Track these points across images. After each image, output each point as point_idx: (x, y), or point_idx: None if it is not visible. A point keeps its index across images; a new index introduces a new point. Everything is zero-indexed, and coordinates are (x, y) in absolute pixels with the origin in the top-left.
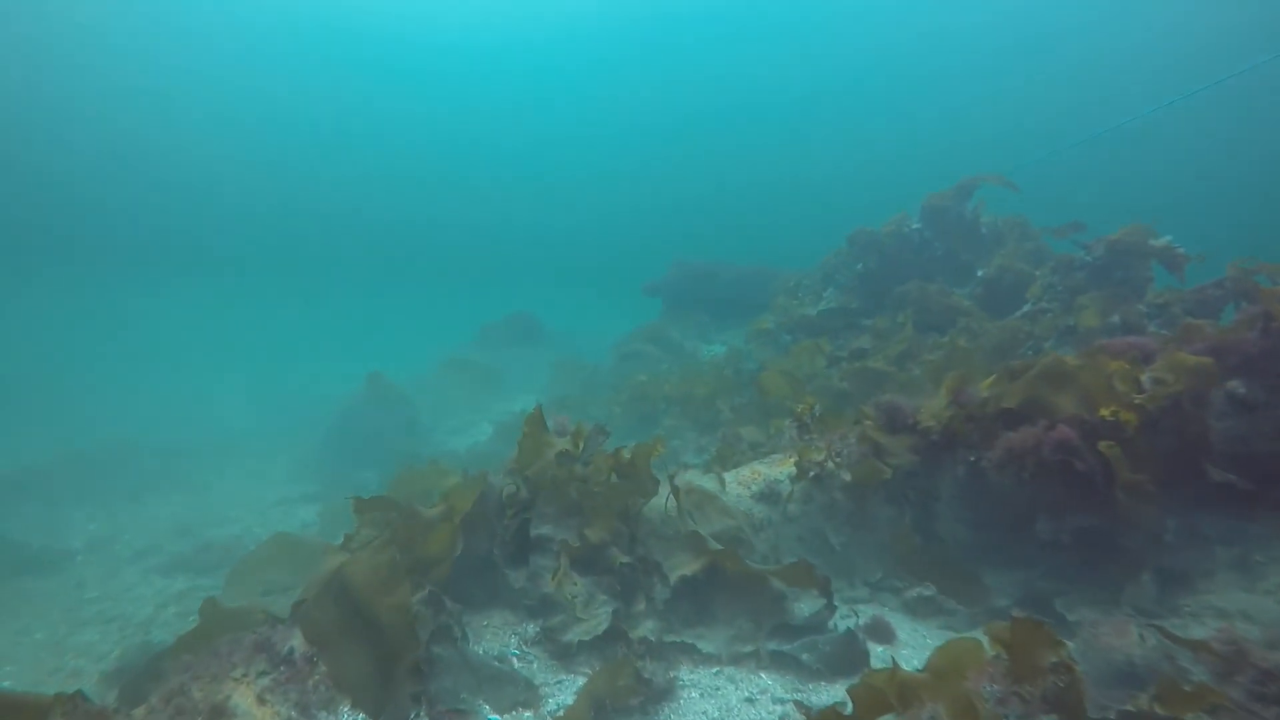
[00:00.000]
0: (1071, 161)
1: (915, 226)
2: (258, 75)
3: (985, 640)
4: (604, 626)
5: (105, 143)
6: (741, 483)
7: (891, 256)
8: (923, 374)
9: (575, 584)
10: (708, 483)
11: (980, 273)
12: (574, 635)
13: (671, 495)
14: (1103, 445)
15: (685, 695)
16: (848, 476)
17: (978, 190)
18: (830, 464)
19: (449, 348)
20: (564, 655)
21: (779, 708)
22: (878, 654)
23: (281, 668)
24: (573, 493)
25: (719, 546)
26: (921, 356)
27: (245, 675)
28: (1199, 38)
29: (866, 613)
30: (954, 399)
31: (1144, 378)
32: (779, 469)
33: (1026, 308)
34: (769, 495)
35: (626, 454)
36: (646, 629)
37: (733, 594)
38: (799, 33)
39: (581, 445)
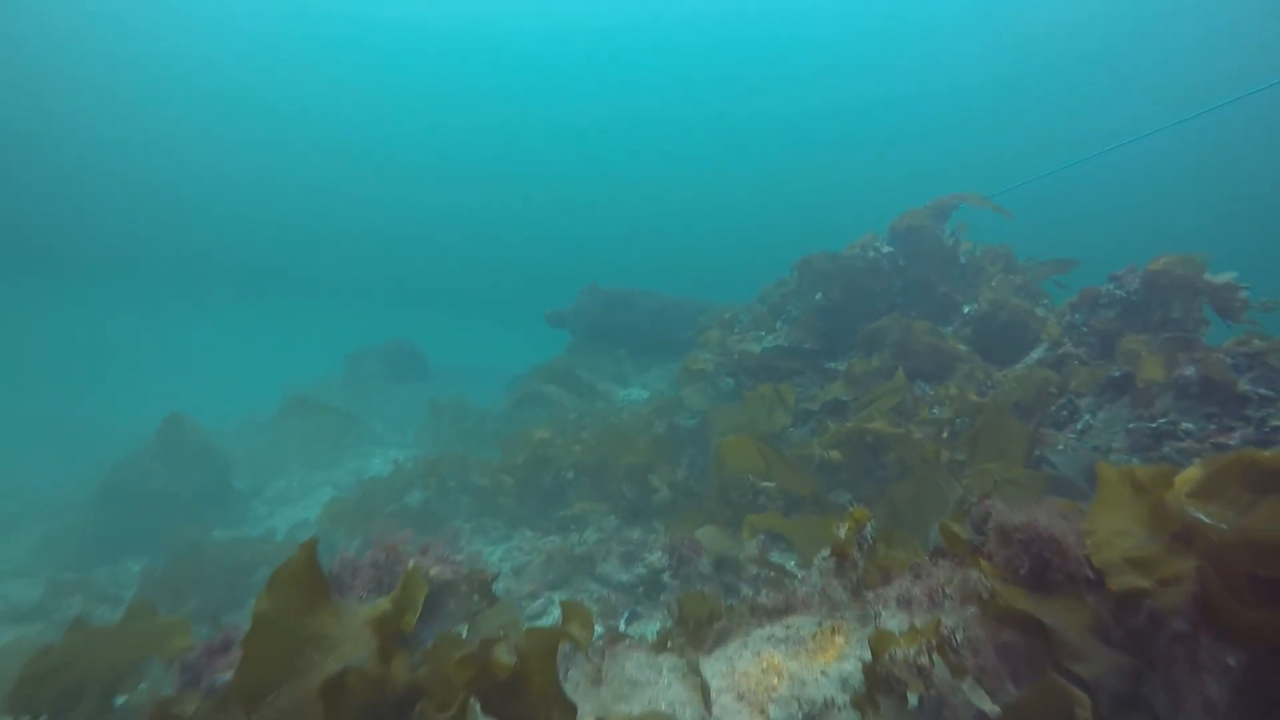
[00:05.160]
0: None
1: (887, 250)
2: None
3: None
4: None
5: None
6: (744, 694)
7: (857, 286)
8: (958, 444)
9: None
10: (678, 691)
11: (968, 309)
12: None
13: None
14: None
15: None
16: (988, 706)
17: (955, 213)
18: (940, 669)
19: (302, 382)
20: None
21: None
22: None
23: None
24: None
25: None
26: (920, 414)
27: None
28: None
29: None
30: (1179, 525)
31: None
32: (816, 661)
33: (1038, 353)
34: None
35: (505, 656)
36: None
37: None
38: (726, 54)
39: (413, 617)
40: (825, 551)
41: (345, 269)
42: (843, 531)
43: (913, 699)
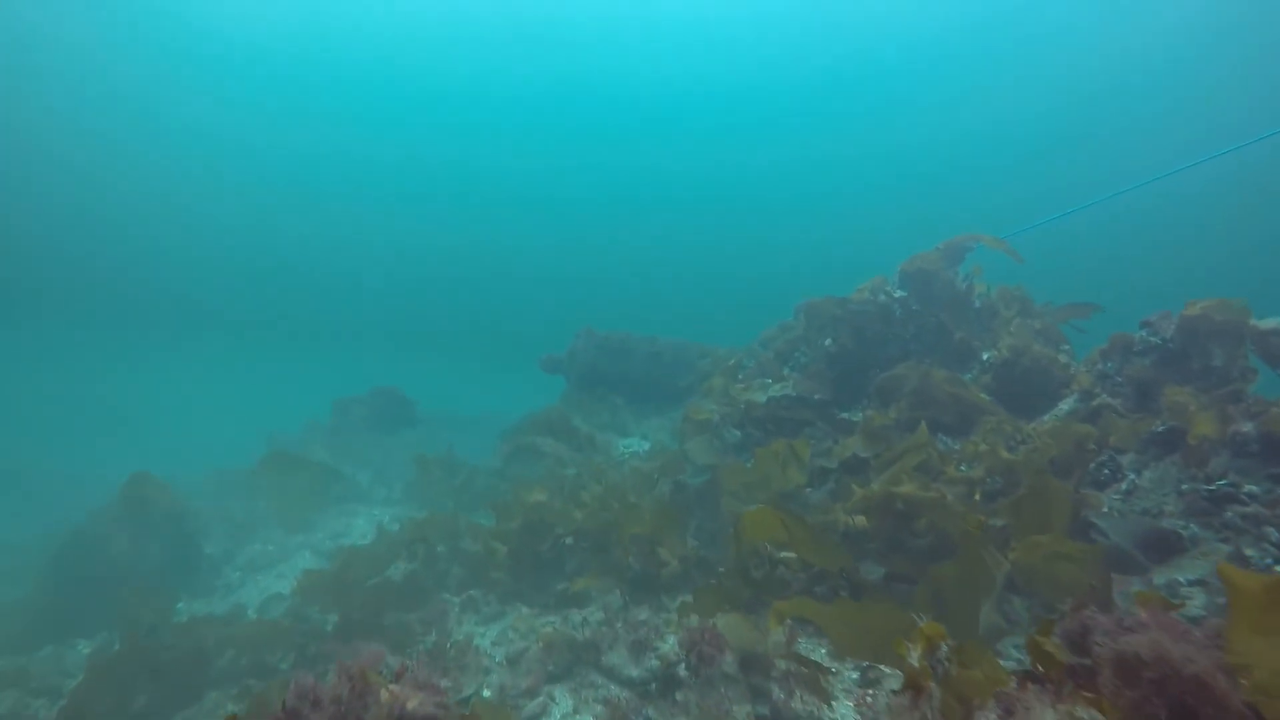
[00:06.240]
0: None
1: (899, 295)
2: None
3: None
4: None
5: None
6: None
7: (867, 332)
8: (1000, 512)
9: None
10: None
11: (987, 355)
12: None
13: None
14: None
15: None
16: None
17: (969, 255)
18: None
19: (287, 430)
20: None
21: None
22: None
23: None
24: None
25: None
26: (947, 472)
27: None
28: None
29: None
30: None
31: None
32: None
33: (1069, 404)
34: None
35: None
36: None
37: None
38: (724, 105)
39: None
40: (897, 686)
41: (332, 313)
42: (914, 656)
43: None
